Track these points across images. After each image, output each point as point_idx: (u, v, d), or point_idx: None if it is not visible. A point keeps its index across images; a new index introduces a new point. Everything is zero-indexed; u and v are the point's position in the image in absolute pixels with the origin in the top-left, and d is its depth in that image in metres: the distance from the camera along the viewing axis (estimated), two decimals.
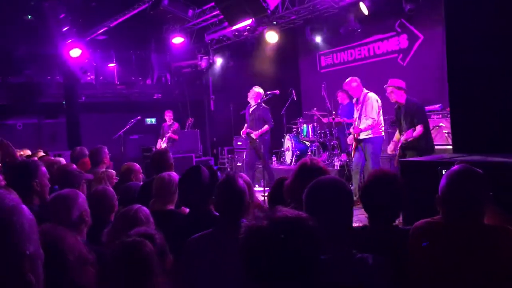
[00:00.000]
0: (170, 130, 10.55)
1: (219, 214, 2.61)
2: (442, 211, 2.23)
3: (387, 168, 6.86)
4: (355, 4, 8.58)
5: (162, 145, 10.41)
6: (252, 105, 8.54)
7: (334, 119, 9.03)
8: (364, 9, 8.43)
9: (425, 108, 6.36)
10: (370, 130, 6.66)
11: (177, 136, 10.58)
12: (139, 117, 10.81)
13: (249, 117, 8.64)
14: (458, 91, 4.40)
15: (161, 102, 13.15)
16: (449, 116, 5.67)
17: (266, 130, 8.49)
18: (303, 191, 2.10)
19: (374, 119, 6.60)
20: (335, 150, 9.32)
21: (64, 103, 11.76)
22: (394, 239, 2.38)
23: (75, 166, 4.50)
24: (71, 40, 10.28)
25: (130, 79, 13.33)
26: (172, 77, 13.66)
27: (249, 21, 9.19)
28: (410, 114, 5.89)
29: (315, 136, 9.61)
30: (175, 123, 10.76)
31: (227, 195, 2.53)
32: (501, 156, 3.48)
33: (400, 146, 5.99)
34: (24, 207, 1.05)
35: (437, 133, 7.45)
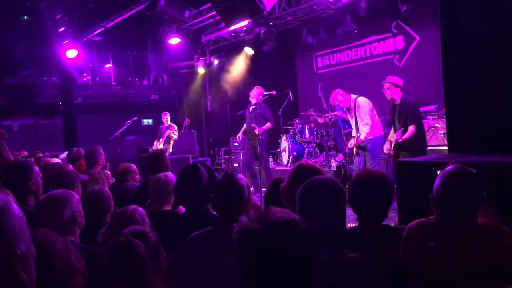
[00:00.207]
0: (168, 131, 10.53)
1: (218, 212, 2.60)
2: (437, 211, 2.24)
3: (384, 168, 6.88)
4: (351, 5, 8.61)
5: (159, 146, 10.40)
6: (253, 104, 8.57)
7: (331, 119, 9.05)
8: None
9: (420, 108, 6.36)
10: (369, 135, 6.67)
11: (175, 136, 10.56)
12: (136, 118, 10.81)
13: (249, 115, 8.66)
14: (453, 91, 4.42)
15: (157, 103, 13.16)
16: (444, 116, 5.69)
17: (269, 127, 8.51)
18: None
19: (369, 124, 6.60)
20: (331, 150, 9.33)
21: (60, 104, 11.76)
22: (383, 238, 2.39)
23: (71, 167, 4.50)
24: (67, 41, 10.27)
25: (126, 80, 13.32)
26: (168, 78, 13.66)
27: (245, 22, 9.20)
28: (404, 114, 5.90)
29: (311, 137, 9.62)
30: (172, 125, 10.75)
31: (226, 192, 2.53)
32: (496, 156, 3.50)
33: (393, 146, 6.00)
34: (14, 206, 1.05)
35: (433, 133, 7.47)
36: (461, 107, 4.34)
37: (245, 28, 9.71)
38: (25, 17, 10.46)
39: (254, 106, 8.54)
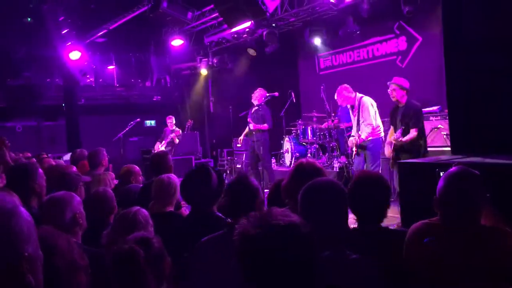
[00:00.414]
0: (172, 135, 10.54)
1: (230, 215, 2.51)
2: (440, 213, 2.24)
3: (385, 169, 6.87)
4: (354, 6, 8.61)
5: (161, 148, 10.41)
6: (255, 105, 8.61)
7: (334, 121, 9.05)
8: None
9: (423, 110, 6.34)
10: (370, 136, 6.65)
11: (178, 141, 10.58)
12: (139, 119, 10.83)
13: (251, 117, 8.72)
14: (456, 92, 4.42)
15: (160, 104, 13.19)
16: (447, 118, 5.67)
17: (264, 128, 8.58)
18: (299, 191, 2.11)
19: (372, 125, 6.59)
20: (334, 152, 9.33)
21: (63, 105, 11.78)
22: (383, 240, 2.39)
23: (75, 168, 4.52)
24: (70, 43, 10.30)
25: (129, 82, 13.34)
26: (171, 79, 13.68)
27: (248, 24, 9.22)
28: (408, 117, 5.87)
29: (314, 138, 9.63)
30: (177, 129, 10.76)
31: (239, 194, 2.47)
32: (499, 158, 3.50)
33: (393, 148, 5.97)
34: (22, 209, 1.06)
35: (436, 135, 7.46)
36: (464, 108, 4.34)
37: (247, 30, 9.73)
38: (29, 18, 10.49)
39: (256, 108, 8.60)
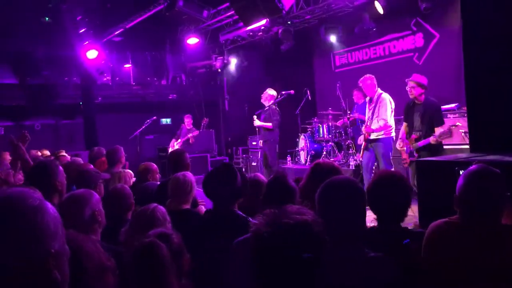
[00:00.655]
0: (190, 134, 10.52)
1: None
2: (460, 211, 2.22)
3: (398, 168, 6.80)
4: (370, 3, 8.54)
5: (176, 146, 10.46)
6: (266, 106, 8.59)
7: (350, 118, 8.99)
8: (379, 8, 8.38)
9: (441, 107, 6.29)
10: (382, 131, 6.60)
11: (193, 140, 10.56)
12: (155, 117, 10.90)
13: (261, 117, 8.71)
14: (475, 89, 4.36)
15: (176, 103, 13.25)
16: (466, 115, 5.59)
17: (267, 126, 8.50)
18: (316, 191, 2.11)
19: (386, 120, 6.54)
20: (350, 149, 9.28)
21: (81, 104, 11.92)
22: (401, 239, 2.38)
23: (92, 166, 4.57)
24: (88, 42, 10.42)
25: (145, 80, 13.44)
26: (187, 78, 13.74)
27: (263, 21, 9.21)
28: (429, 114, 5.81)
29: (330, 136, 9.58)
30: (194, 129, 10.76)
31: (280, 193, 2.46)
32: None
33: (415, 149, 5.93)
34: (49, 205, 1.07)
35: (454, 132, 7.35)
36: (483, 105, 4.27)
37: (263, 28, 9.72)
38: (47, 18, 10.63)
39: (266, 108, 8.55)
